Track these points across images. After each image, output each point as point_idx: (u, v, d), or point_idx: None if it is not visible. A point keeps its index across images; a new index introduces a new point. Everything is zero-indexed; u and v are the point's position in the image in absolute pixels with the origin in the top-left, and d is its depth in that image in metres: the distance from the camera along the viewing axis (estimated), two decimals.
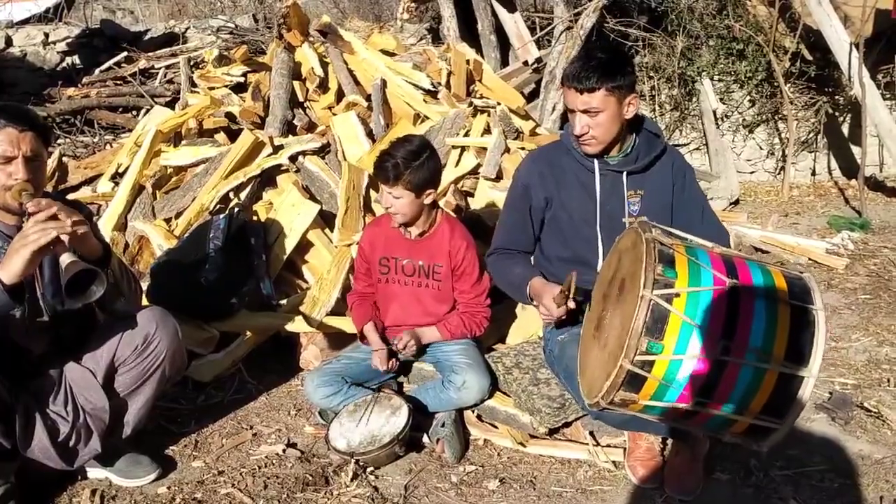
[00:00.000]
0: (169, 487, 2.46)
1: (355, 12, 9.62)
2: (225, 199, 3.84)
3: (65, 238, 1.99)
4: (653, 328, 1.80)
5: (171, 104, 5.49)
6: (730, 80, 7.00)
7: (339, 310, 3.36)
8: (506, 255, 2.73)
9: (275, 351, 3.40)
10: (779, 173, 7.19)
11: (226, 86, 4.93)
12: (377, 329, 2.88)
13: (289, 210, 3.70)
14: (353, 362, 2.89)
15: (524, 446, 2.67)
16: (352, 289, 3.14)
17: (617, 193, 2.55)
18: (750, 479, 2.45)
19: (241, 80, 4.99)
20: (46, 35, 7.28)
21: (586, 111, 2.37)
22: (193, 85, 5.29)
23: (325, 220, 3.79)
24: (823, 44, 6.16)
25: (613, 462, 2.56)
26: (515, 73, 6.71)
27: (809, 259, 4.69)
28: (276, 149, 4.10)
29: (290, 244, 3.59)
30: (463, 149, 4.10)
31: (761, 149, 7.25)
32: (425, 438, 2.68)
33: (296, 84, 4.75)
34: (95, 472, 2.48)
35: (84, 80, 6.40)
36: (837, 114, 7.03)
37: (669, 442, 2.52)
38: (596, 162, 2.54)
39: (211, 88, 4.91)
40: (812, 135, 7.09)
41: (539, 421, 2.64)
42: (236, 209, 3.67)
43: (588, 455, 2.60)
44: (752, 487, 2.42)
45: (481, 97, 4.89)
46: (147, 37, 7.75)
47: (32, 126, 2.14)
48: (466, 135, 4.17)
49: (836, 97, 6.91)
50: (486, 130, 4.21)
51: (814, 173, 7.24)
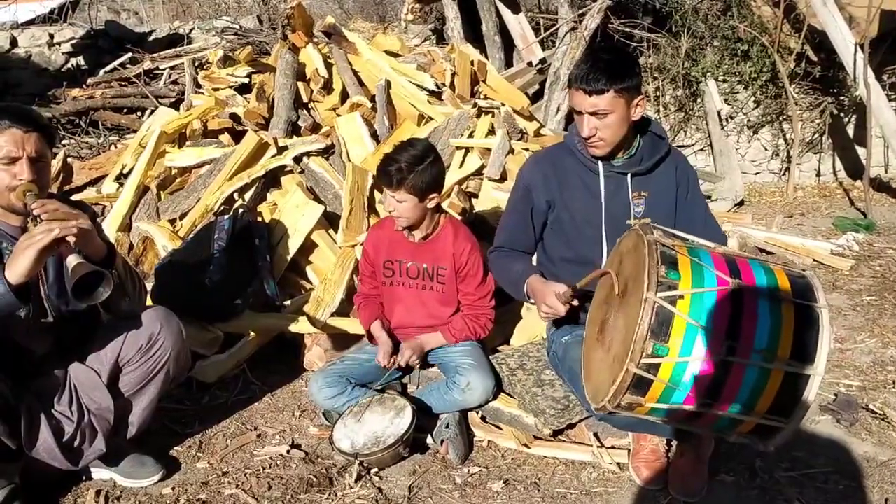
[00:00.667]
0: (173, 488, 2.46)
1: (359, 13, 9.63)
2: (229, 200, 3.85)
3: (70, 239, 1.99)
4: (658, 331, 1.80)
5: (175, 105, 5.50)
6: (734, 80, 6.99)
7: (343, 311, 3.36)
8: (506, 252, 2.73)
9: (279, 352, 3.41)
10: (783, 174, 7.18)
11: (230, 87, 4.93)
12: (384, 328, 2.89)
13: (293, 211, 3.70)
14: (357, 363, 2.89)
15: (528, 448, 2.66)
16: (356, 290, 3.14)
17: (621, 195, 2.55)
18: (755, 481, 2.44)
19: (246, 81, 5.00)
20: (51, 36, 7.30)
21: (594, 113, 2.36)
22: (198, 86, 5.30)
23: (330, 221, 3.79)
24: (828, 44, 6.15)
25: (618, 464, 2.55)
26: (520, 73, 6.70)
27: (814, 260, 4.68)
28: (281, 150, 4.11)
29: (295, 245, 3.60)
30: (467, 150, 4.10)
31: (766, 150, 7.24)
32: (429, 440, 2.68)
33: (300, 85, 4.76)
34: (100, 473, 2.48)
35: (89, 81, 6.41)
36: (842, 114, 7.02)
37: (674, 443, 2.51)
38: (600, 163, 2.53)
39: (215, 89, 4.92)
40: (817, 135, 7.07)
41: (543, 422, 2.64)
42: (241, 210, 3.68)
43: (592, 457, 2.59)
44: (756, 489, 2.41)
45: (485, 98, 4.89)
46: (152, 38, 7.77)
47: (37, 127, 2.15)
48: (470, 136, 4.17)
49: (841, 98, 6.89)
50: (491, 131, 4.21)
51: (819, 174, 7.22)
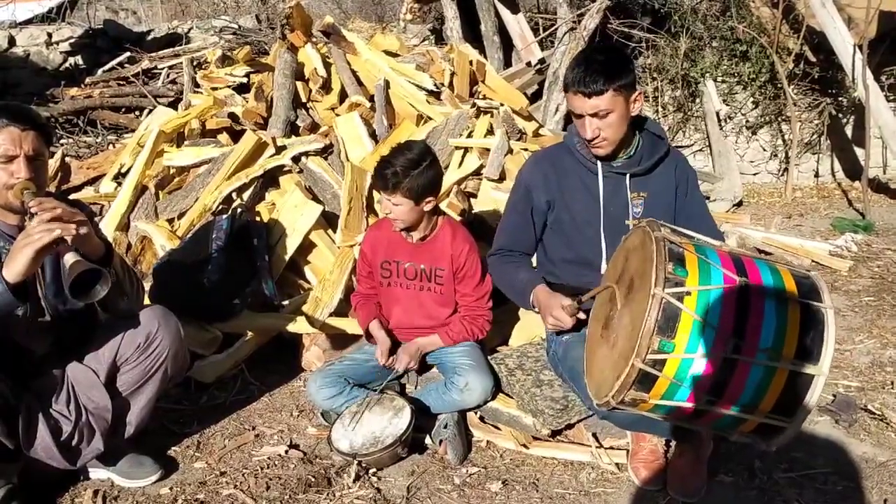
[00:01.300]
0: (171, 488, 2.46)
1: (358, 13, 9.64)
2: (228, 200, 3.84)
3: (68, 238, 1.99)
4: (664, 327, 1.79)
5: (173, 104, 5.49)
6: (733, 81, 6.99)
7: (341, 311, 3.36)
8: (507, 256, 2.72)
9: (277, 352, 3.40)
10: (782, 175, 7.18)
11: (229, 86, 4.93)
12: (382, 326, 2.89)
13: (291, 211, 3.70)
14: (355, 363, 2.89)
15: (527, 448, 2.66)
16: (354, 290, 3.14)
17: (620, 195, 2.54)
18: (754, 482, 2.44)
19: (244, 80, 5.00)
20: (50, 35, 7.29)
21: (595, 114, 2.36)
22: (196, 85, 5.30)
23: (328, 221, 3.79)
24: (827, 45, 6.15)
25: (616, 464, 2.55)
26: (518, 73, 6.70)
27: (813, 261, 4.68)
28: (279, 149, 4.10)
29: (293, 245, 3.59)
30: (466, 150, 4.10)
31: (764, 150, 7.24)
32: (428, 440, 2.67)
33: (299, 85, 4.76)
34: (98, 473, 2.48)
35: (87, 80, 6.40)
36: (841, 115, 7.02)
37: (673, 444, 2.51)
38: (599, 164, 2.53)
39: (214, 89, 4.92)
40: (815, 136, 7.08)
41: (542, 422, 2.63)
42: (239, 210, 3.67)
43: (591, 457, 2.59)
44: (755, 489, 2.41)
45: (484, 98, 4.89)
46: (150, 37, 7.76)
47: (34, 125, 2.15)
48: (469, 136, 4.17)
49: (840, 99, 6.89)
50: (489, 131, 4.21)
51: (817, 175, 7.22)
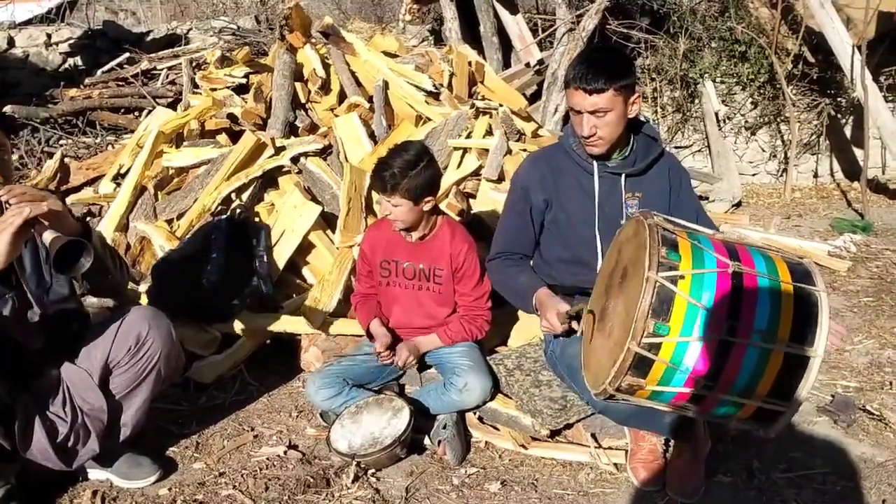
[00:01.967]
0: (170, 489, 2.46)
1: (357, 14, 9.65)
2: (227, 201, 3.84)
3: (41, 216, 1.95)
4: (659, 309, 1.80)
5: (173, 105, 5.49)
6: (732, 82, 7.00)
7: (340, 311, 3.36)
8: (508, 260, 2.72)
9: (276, 352, 3.40)
10: (781, 175, 7.19)
11: (228, 87, 4.93)
12: (383, 324, 2.89)
13: (290, 211, 3.69)
14: (354, 364, 2.89)
15: (526, 448, 2.66)
16: (354, 290, 3.14)
17: (615, 195, 2.55)
18: (752, 482, 2.45)
19: (243, 81, 4.99)
20: (49, 36, 7.28)
21: (594, 112, 2.37)
22: (195, 86, 5.29)
23: (327, 222, 3.79)
24: (826, 46, 6.16)
25: (615, 464, 2.55)
26: (517, 74, 6.70)
27: (812, 262, 4.68)
28: (278, 150, 4.10)
29: (292, 245, 3.59)
30: (465, 150, 4.09)
31: (763, 151, 7.25)
32: (427, 440, 2.67)
33: (298, 85, 4.75)
34: (96, 474, 2.48)
35: (86, 81, 6.39)
36: (840, 116, 7.03)
37: (671, 444, 2.52)
38: (595, 164, 2.54)
39: (213, 89, 4.91)
40: (814, 137, 7.08)
41: (541, 423, 2.64)
42: (238, 210, 3.67)
43: (590, 457, 2.59)
44: (754, 489, 2.41)
45: (483, 99, 4.89)
46: (149, 38, 7.75)
47: None
48: (468, 136, 4.17)
49: (839, 99, 6.90)
50: (488, 132, 4.21)
51: (816, 175, 7.23)
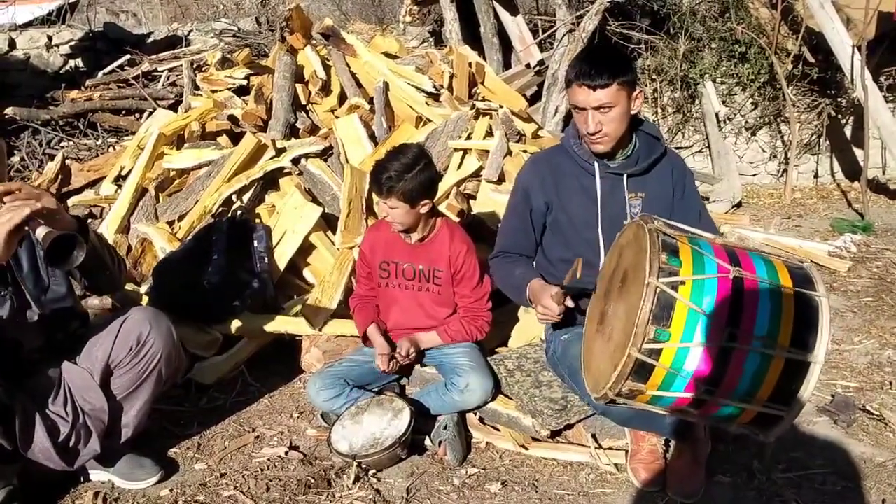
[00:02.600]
0: (171, 490, 2.46)
1: (358, 15, 9.65)
2: (227, 202, 3.85)
3: (35, 213, 1.95)
4: (660, 315, 1.80)
5: (174, 107, 5.49)
6: (732, 82, 7.00)
7: (341, 312, 3.36)
8: (507, 258, 2.73)
9: (277, 353, 3.41)
10: (781, 176, 7.18)
11: (228, 88, 4.93)
12: (380, 331, 2.89)
13: (291, 213, 3.70)
14: (355, 365, 2.89)
15: (526, 449, 2.67)
16: (353, 292, 3.14)
17: (617, 196, 2.56)
18: (752, 482, 2.45)
19: (244, 82, 5.00)
20: (50, 38, 7.28)
21: (599, 108, 2.37)
22: (196, 88, 5.30)
23: (328, 223, 3.80)
24: (826, 46, 6.15)
25: (615, 465, 2.55)
26: (518, 75, 6.71)
27: (812, 262, 4.66)
28: (279, 151, 4.11)
29: (293, 247, 3.60)
30: (465, 151, 4.10)
31: (764, 151, 7.24)
32: (427, 441, 2.68)
33: (298, 87, 4.76)
34: (98, 475, 2.49)
35: (87, 82, 6.39)
36: (840, 116, 7.02)
37: (672, 444, 2.52)
38: (596, 164, 2.54)
39: (214, 91, 4.92)
40: (814, 137, 7.08)
41: (541, 423, 2.64)
42: (239, 212, 3.68)
43: (590, 458, 2.60)
44: (754, 490, 2.42)
45: (483, 100, 4.90)
46: (150, 40, 7.74)
47: None
48: (468, 137, 4.17)
49: (839, 99, 6.90)
50: (489, 133, 4.21)
51: (816, 176, 7.23)
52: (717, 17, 6.85)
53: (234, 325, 3.32)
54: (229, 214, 3.65)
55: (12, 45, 7.18)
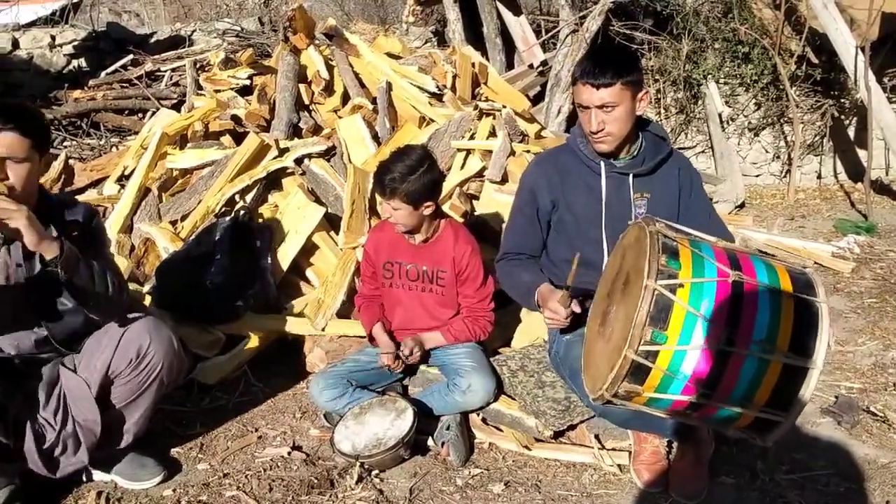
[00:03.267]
0: (174, 490, 2.46)
1: (360, 15, 9.65)
2: (230, 202, 3.85)
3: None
4: (657, 318, 1.80)
5: (176, 107, 5.50)
6: (735, 83, 6.99)
7: (344, 313, 3.36)
8: (515, 260, 2.73)
9: (280, 354, 3.41)
10: (784, 176, 7.18)
11: (231, 88, 4.94)
12: (385, 330, 2.89)
13: (294, 213, 3.70)
14: (358, 365, 2.89)
15: (529, 450, 2.66)
16: (358, 292, 3.14)
17: (623, 196, 2.55)
18: (755, 483, 2.45)
19: (247, 82, 5.00)
20: (53, 38, 7.30)
21: (602, 107, 2.37)
22: (199, 88, 5.30)
23: (331, 223, 3.80)
24: (829, 47, 6.15)
25: (619, 466, 2.55)
26: (521, 76, 6.71)
27: (815, 262, 4.69)
28: (282, 151, 4.11)
29: (296, 247, 3.60)
30: (468, 152, 4.10)
31: (767, 152, 7.24)
32: (430, 441, 2.68)
33: (301, 87, 4.76)
34: (101, 475, 2.49)
35: (90, 82, 6.41)
36: (843, 117, 7.02)
37: (674, 445, 2.52)
38: (602, 164, 2.54)
39: (217, 91, 4.92)
40: (818, 138, 7.07)
41: (544, 424, 2.64)
42: (242, 212, 3.68)
43: (593, 459, 2.60)
44: (757, 491, 2.41)
45: (486, 100, 4.90)
46: (153, 40, 7.76)
47: (15, 126, 2.06)
48: (472, 138, 4.17)
49: (842, 100, 6.89)
50: (492, 133, 4.21)
51: (819, 176, 7.22)
52: (721, 18, 6.85)
53: (237, 326, 3.32)
54: (232, 214, 3.65)
55: (16, 44, 7.20)
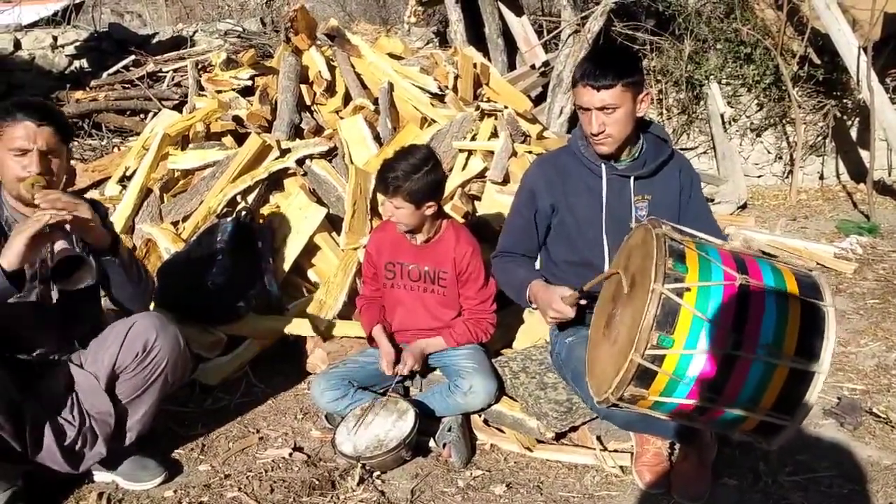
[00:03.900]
0: (175, 491, 2.46)
1: (362, 16, 9.65)
2: (232, 203, 3.85)
3: (59, 223, 2.03)
4: (663, 322, 1.80)
5: (178, 107, 5.50)
6: (737, 83, 6.99)
7: (345, 313, 3.36)
8: (509, 257, 2.73)
9: (282, 354, 3.40)
10: (787, 177, 7.17)
11: (233, 89, 4.94)
12: (385, 332, 2.89)
13: (296, 213, 3.70)
14: (359, 366, 2.89)
15: (531, 451, 2.66)
16: (359, 292, 3.14)
17: (624, 198, 2.55)
18: (758, 485, 2.44)
19: (249, 83, 5.00)
20: (55, 38, 7.31)
21: (603, 108, 2.37)
22: (201, 88, 5.31)
23: (332, 224, 3.80)
24: (831, 47, 6.15)
25: (621, 467, 2.55)
26: (522, 76, 6.71)
27: (818, 263, 4.68)
28: (284, 152, 4.10)
29: (297, 247, 3.60)
30: (470, 152, 4.10)
31: (769, 153, 7.24)
32: (432, 443, 2.67)
33: (303, 87, 4.76)
34: (102, 476, 2.48)
35: (92, 83, 6.41)
36: (846, 118, 7.01)
37: (677, 447, 2.51)
38: (603, 166, 2.53)
39: (218, 92, 4.93)
40: (820, 139, 7.07)
41: (546, 425, 2.63)
42: (243, 212, 3.68)
43: (595, 460, 2.59)
44: (759, 493, 2.41)
45: (488, 101, 4.90)
46: (155, 40, 7.77)
47: (51, 121, 2.18)
48: (473, 138, 4.17)
49: (845, 101, 6.89)
50: (494, 134, 4.21)
51: (822, 177, 7.22)
52: (723, 18, 6.85)
53: (239, 326, 3.32)
54: (234, 215, 3.64)
55: (17, 45, 7.21)
